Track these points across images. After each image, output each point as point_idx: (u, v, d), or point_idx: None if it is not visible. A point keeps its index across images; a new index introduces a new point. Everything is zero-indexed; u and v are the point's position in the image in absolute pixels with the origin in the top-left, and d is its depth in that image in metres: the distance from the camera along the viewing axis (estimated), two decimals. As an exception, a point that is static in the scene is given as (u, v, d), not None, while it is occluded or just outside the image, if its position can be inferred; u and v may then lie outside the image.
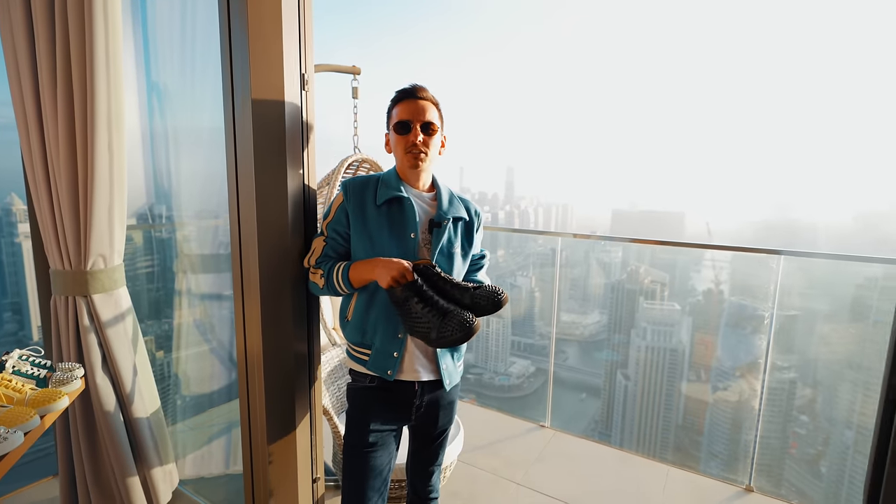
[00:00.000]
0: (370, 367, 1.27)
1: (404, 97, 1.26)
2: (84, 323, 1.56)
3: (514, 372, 22.70)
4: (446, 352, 1.32)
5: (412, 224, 1.26)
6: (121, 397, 1.65)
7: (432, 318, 1.09)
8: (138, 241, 2.09)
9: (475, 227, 1.40)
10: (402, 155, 1.27)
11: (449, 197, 1.36)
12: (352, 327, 1.30)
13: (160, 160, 2.05)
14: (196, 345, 2.14)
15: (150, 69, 1.94)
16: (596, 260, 26.58)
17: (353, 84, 2.22)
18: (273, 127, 1.20)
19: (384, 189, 1.27)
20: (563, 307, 25.64)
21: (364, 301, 1.27)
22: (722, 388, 19.42)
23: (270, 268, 1.26)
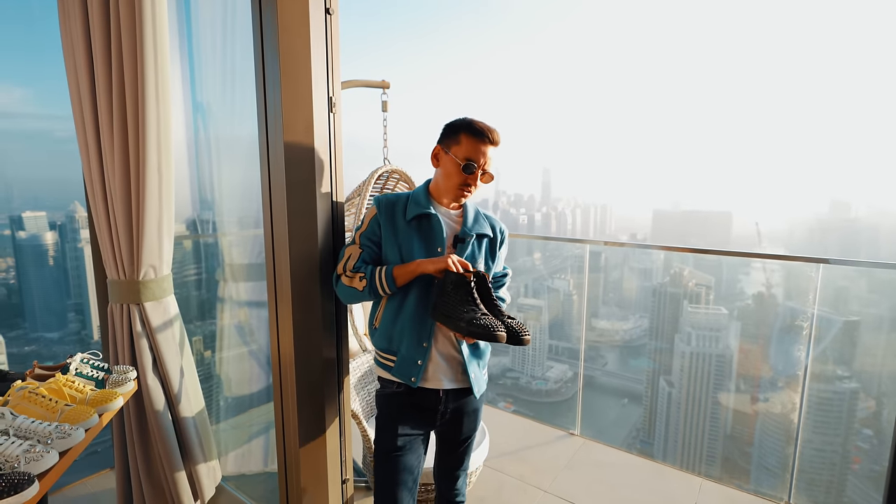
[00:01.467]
0: (395, 374, 1.32)
1: (479, 136, 1.28)
2: (137, 329, 1.70)
3: (551, 377, 22.39)
4: (472, 359, 1.36)
5: (439, 239, 1.31)
6: (169, 397, 1.78)
7: (471, 309, 1.15)
8: (185, 249, 2.24)
9: (499, 244, 1.44)
10: (453, 186, 1.31)
11: (475, 215, 1.41)
12: (379, 334, 1.36)
13: (204, 174, 2.20)
14: (237, 348, 2.28)
15: (196, 89, 2.09)
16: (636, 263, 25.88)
17: (383, 98, 2.30)
18: (303, 148, 1.29)
19: (414, 206, 1.33)
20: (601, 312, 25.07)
21: (393, 309, 1.32)
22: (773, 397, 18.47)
23: (301, 278, 1.34)
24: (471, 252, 1.35)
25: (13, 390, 1.21)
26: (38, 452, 1.03)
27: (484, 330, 1.12)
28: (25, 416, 1.15)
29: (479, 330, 1.12)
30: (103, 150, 1.62)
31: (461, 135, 1.29)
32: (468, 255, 1.34)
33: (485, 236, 1.39)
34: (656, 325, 22.62)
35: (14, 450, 1.02)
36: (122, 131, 1.60)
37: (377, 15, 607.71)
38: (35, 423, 1.11)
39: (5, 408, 1.14)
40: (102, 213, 1.67)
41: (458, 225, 1.38)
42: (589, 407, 5.93)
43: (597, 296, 24.68)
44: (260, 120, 1.30)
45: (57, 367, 1.39)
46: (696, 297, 22.15)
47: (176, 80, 1.95)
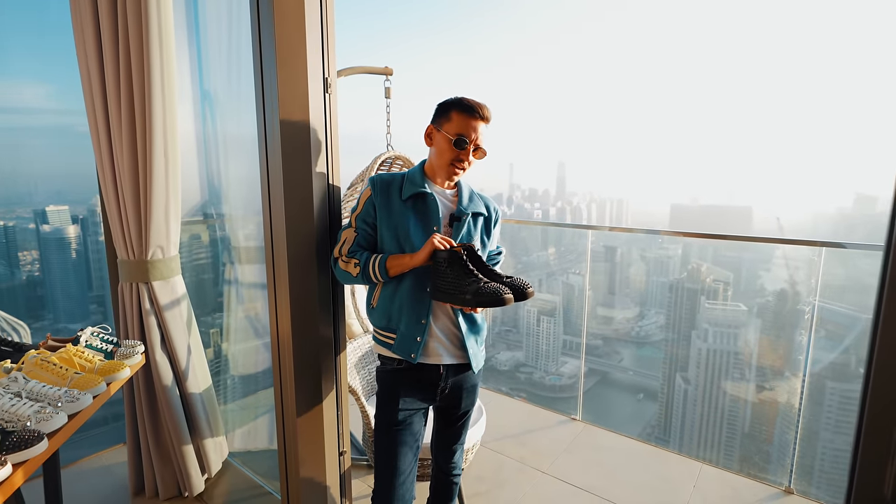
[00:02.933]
0: (396, 351, 1.35)
1: (469, 112, 1.31)
2: (146, 306, 1.78)
3: (565, 372, 22.29)
4: (471, 335, 1.39)
5: (435, 217, 1.34)
6: (177, 373, 1.86)
7: (472, 281, 1.18)
8: (193, 236, 2.32)
9: (493, 222, 1.46)
10: (445, 163, 1.34)
11: (469, 194, 1.43)
12: (378, 313, 1.39)
13: (212, 161, 2.27)
14: (244, 331, 2.35)
15: (203, 79, 2.15)
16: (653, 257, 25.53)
17: (386, 84, 2.33)
18: (298, 127, 1.33)
19: (409, 185, 1.36)
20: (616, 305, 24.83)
21: (390, 288, 1.35)
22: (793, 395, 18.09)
23: (298, 259, 1.39)
24: (467, 230, 1.38)
25: (27, 358, 1.29)
26: (49, 413, 1.10)
27: (490, 296, 1.14)
28: (37, 380, 1.22)
29: (487, 298, 1.14)
30: (112, 134, 1.70)
31: (452, 112, 1.32)
32: (464, 233, 1.37)
33: (480, 215, 1.42)
34: (673, 320, 22.33)
35: (26, 410, 1.09)
36: (129, 117, 1.67)
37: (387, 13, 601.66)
38: (46, 387, 1.19)
39: (19, 373, 1.21)
40: (112, 196, 1.74)
41: (453, 204, 1.40)
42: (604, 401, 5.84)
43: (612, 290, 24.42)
44: (258, 100, 1.35)
45: (68, 340, 1.47)
46: (714, 293, 21.78)
47: (184, 69, 2.02)
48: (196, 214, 2.29)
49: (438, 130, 1.34)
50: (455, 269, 1.20)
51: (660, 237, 5.59)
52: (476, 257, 1.26)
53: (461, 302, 1.19)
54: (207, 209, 2.32)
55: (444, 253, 1.22)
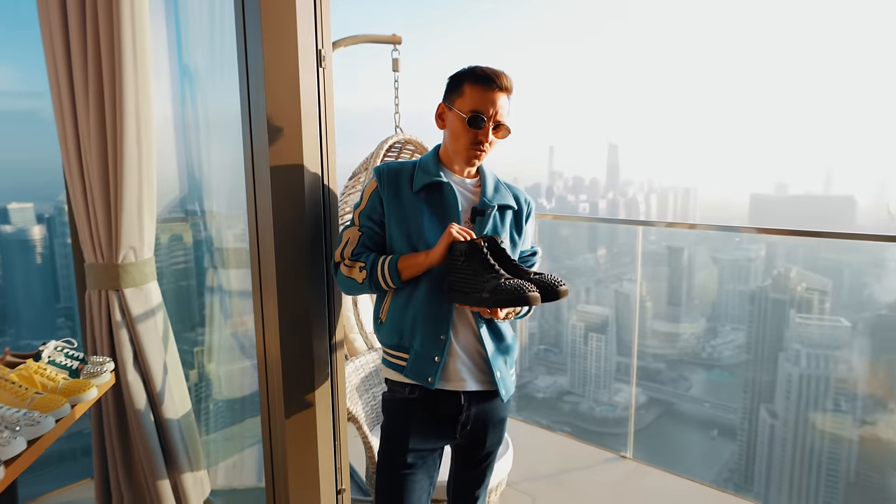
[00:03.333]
0: (408, 374, 1.35)
1: (485, 82, 1.31)
2: (116, 318, 1.85)
3: (619, 402, 22.00)
4: (498, 354, 1.39)
5: (454, 212, 1.35)
6: (151, 396, 1.93)
7: (491, 277, 1.18)
8: (172, 236, 2.40)
9: (525, 217, 1.47)
10: (462, 147, 1.35)
11: (495, 183, 1.44)
12: (387, 329, 1.39)
13: (192, 149, 2.34)
14: (229, 349, 2.42)
15: (182, 52, 2.23)
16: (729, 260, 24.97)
17: (394, 55, 2.38)
18: (287, 107, 1.38)
19: (422, 175, 1.37)
20: (683, 319, 24.41)
21: (403, 298, 1.36)
22: (911, 434, 17.43)
23: (287, 263, 1.43)
24: (492, 226, 1.39)
25: (-18, 375, 1.37)
26: (5, 438, 1.16)
27: (512, 294, 1.13)
28: (-6, 401, 1.29)
29: (507, 296, 1.14)
30: (78, 117, 1.78)
31: (464, 85, 1.33)
32: (489, 230, 1.38)
33: (508, 208, 1.42)
34: (754, 339, 21.77)
35: (-20, 434, 1.16)
36: (97, 96, 1.74)
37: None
38: (3, 408, 1.26)
39: (-26, 392, 1.29)
40: (79, 188, 1.83)
41: (475, 195, 1.41)
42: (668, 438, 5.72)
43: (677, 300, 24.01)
44: (241, 78, 1.40)
45: (29, 355, 1.55)
46: (807, 304, 21.13)
47: (160, 41, 2.10)
48: (175, 211, 2.37)
49: (450, 109, 1.35)
50: (473, 263, 1.21)
51: (737, 235, 5.41)
52: (499, 250, 1.27)
53: (477, 301, 1.19)
54: (188, 205, 2.40)
55: (463, 245, 1.23)
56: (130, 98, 1.74)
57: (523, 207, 1.47)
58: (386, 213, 1.37)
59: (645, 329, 22.14)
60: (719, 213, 64.45)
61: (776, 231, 2.75)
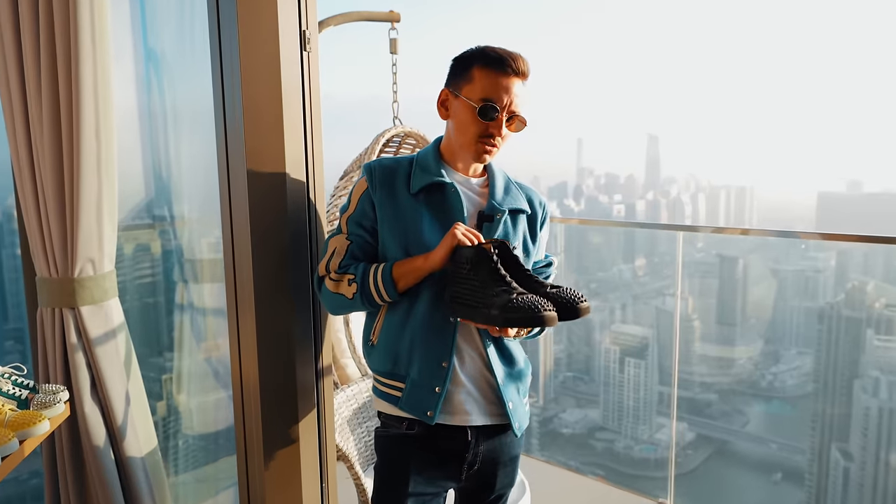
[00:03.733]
0: (404, 407, 1.36)
1: (498, 66, 1.32)
2: (71, 340, 1.88)
3: (662, 439, 21.80)
4: (509, 382, 1.40)
5: (458, 216, 1.36)
6: (111, 430, 1.95)
7: (501, 290, 1.19)
8: (136, 246, 2.43)
9: (539, 221, 1.48)
10: (469, 140, 1.36)
11: (504, 183, 1.46)
12: (379, 353, 1.41)
13: (160, 144, 2.38)
14: (202, 376, 2.44)
15: (147, 33, 2.28)
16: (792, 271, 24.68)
17: (392, 35, 2.41)
18: (266, 98, 1.41)
19: (420, 173, 1.38)
20: (738, 341, 24.14)
21: (398, 316, 1.37)
22: None
23: (266, 276, 1.46)
24: (503, 233, 1.40)
25: (-81, 406, 1.40)
26: (-55, 478, 1.19)
27: (525, 312, 1.14)
28: (-68, 435, 1.32)
29: (520, 314, 1.14)
30: (30, 107, 1.82)
31: (474, 69, 1.34)
32: (499, 237, 1.38)
33: (520, 212, 1.44)
34: (824, 365, 21.49)
35: (-84, 473, 1.19)
36: (51, 83, 1.77)
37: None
38: (-59, 444, 1.28)
39: None
40: (30, 191, 1.87)
41: (482, 198, 1.43)
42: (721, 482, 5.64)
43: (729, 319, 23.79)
44: (214, 63, 1.44)
45: (-28, 383, 1.58)
46: (888, 323, 20.85)
47: (122, 19, 2.14)
48: (139, 216, 2.40)
49: (457, 96, 1.36)
50: (481, 272, 1.22)
51: (802, 242, 5.29)
52: (511, 258, 1.28)
53: (484, 318, 1.20)
54: (155, 209, 2.43)
55: (469, 251, 1.24)
56: (88, 83, 1.76)
57: (537, 211, 1.48)
58: (378, 218, 1.38)
59: (691, 353, 21.94)
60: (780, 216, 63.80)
61: (848, 237, 2.73)
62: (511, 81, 1.32)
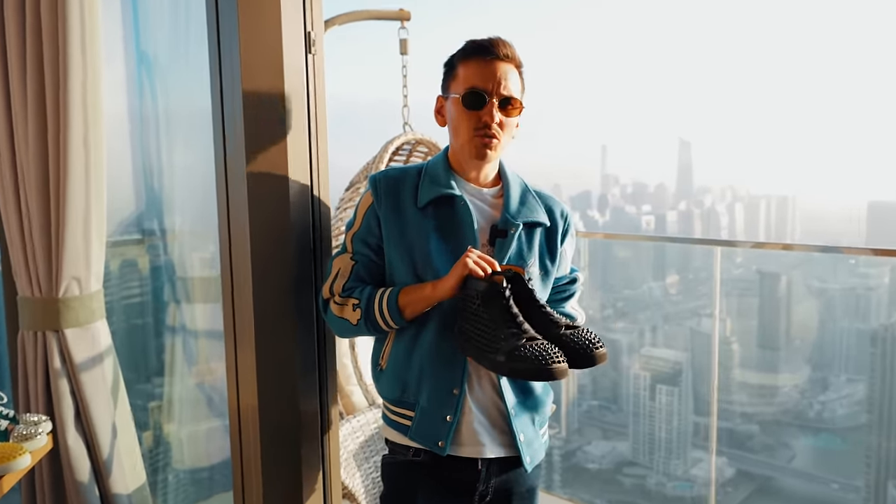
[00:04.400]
0: (414, 437, 1.38)
1: (478, 54, 1.37)
2: (55, 365, 1.89)
3: (699, 475, 21.49)
4: (523, 412, 1.41)
5: (468, 232, 1.37)
6: (96, 464, 1.96)
7: (510, 333, 1.19)
8: (124, 262, 2.44)
9: (560, 235, 1.48)
10: (466, 137, 1.38)
11: (521, 193, 1.45)
12: (387, 379, 1.43)
13: (152, 154, 2.40)
14: (194, 404, 2.44)
15: (140, 35, 2.31)
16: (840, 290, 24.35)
17: (402, 35, 2.43)
18: (269, 103, 1.42)
19: (428, 185, 1.40)
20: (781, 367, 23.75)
21: (406, 340, 1.39)
22: None
23: (268, 297, 1.46)
24: (517, 250, 1.40)
25: None
26: (-82, 516, 1.20)
27: (532, 364, 1.15)
28: None
29: (526, 365, 1.16)
30: (14, 113, 1.84)
31: (458, 65, 1.39)
32: (513, 254, 1.39)
33: (537, 225, 1.44)
34: (879, 393, 21.15)
35: None
36: (37, 88, 1.80)
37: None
38: (-84, 479, 1.29)
39: None
40: (12, 204, 1.88)
41: (495, 209, 1.43)
42: (763, 525, 5.51)
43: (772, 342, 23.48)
44: (212, 65, 1.46)
45: (-52, 412, 1.59)
46: (949, 347, 20.57)
47: (113, 21, 2.17)
48: (128, 231, 2.42)
49: (447, 98, 1.41)
50: (492, 310, 1.22)
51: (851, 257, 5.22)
52: (525, 291, 1.28)
53: (491, 364, 1.22)
54: (145, 223, 2.45)
55: (480, 285, 1.24)
56: (77, 89, 1.79)
57: (558, 223, 1.48)
58: (384, 235, 1.39)
59: (730, 380, 21.69)
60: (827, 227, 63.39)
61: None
62: (496, 65, 1.36)
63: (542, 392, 1.47)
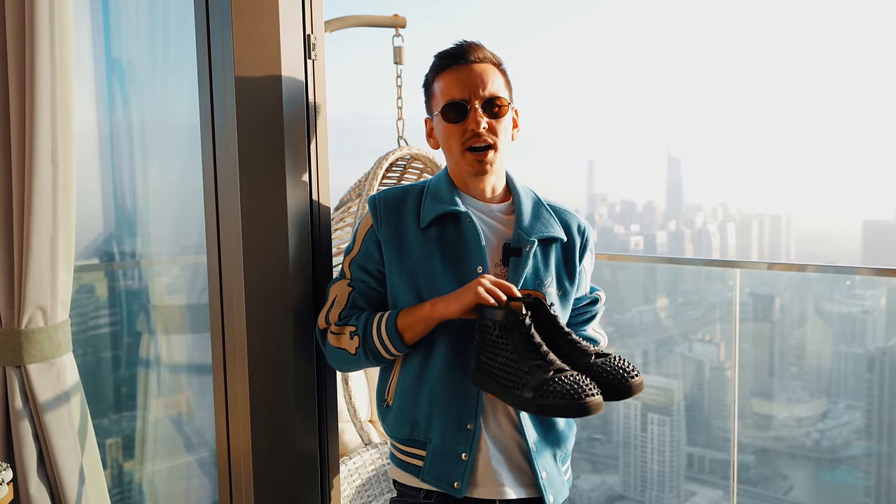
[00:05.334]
0: (427, 479, 1.35)
1: (452, 62, 1.38)
2: (16, 405, 1.81)
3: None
4: (545, 448, 1.39)
5: (476, 253, 1.35)
6: (62, 516, 1.86)
7: (536, 365, 1.16)
8: (91, 289, 2.37)
9: (578, 251, 1.47)
10: (458, 153, 1.38)
11: (533, 207, 1.44)
12: (395, 416, 1.39)
13: (124, 171, 2.34)
14: (172, 446, 2.35)
15: (111, 42, 2.26)
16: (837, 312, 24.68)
17: (396, 42, 2.41)
18: (265, 113, 1.38)
19: (431, 203, 1.38)
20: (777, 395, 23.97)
21: (413, 372, 1.37)
22: None
23: (263, 325, 1.41)
24: (533, 270, 1.38)
25: None
26: None
27: (563, 399, 1.12)
28: None
29: (556, 401, 1.12)
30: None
31: (433, 83, 1.41)
32: (528, 275, 1.37)
33: (553, 240, 1.42)
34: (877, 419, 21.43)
35: None
36: (1, 99, 1.74)
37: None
38: None
39: None
40: (-29, 227, 1.81)
41: (506, 226, 1.42)
42: (762, 564, 5.47)
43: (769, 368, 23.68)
44: (201, 71, 1.42)
45: None
46: (949, 371, 20.95)
47: (82, 27, 2.12)
48: (95, 255, 2.36)
49: (433, 118, 1.44)
50: (511, 340, 1.19)
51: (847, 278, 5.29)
52: (547, 317, 1.26)
53: (516, 402, 1.19)
54: (116, 245, 2.39)
55: (498, 313, 1.21)
56: (45, 101, 1.72)
57: (575, 239, 1.46)
58: (386, 259, 1.38)
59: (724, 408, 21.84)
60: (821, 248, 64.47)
61: None
62: (470, 70, 1.36)
63: (566, 426, 1.45)
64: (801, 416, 24.06)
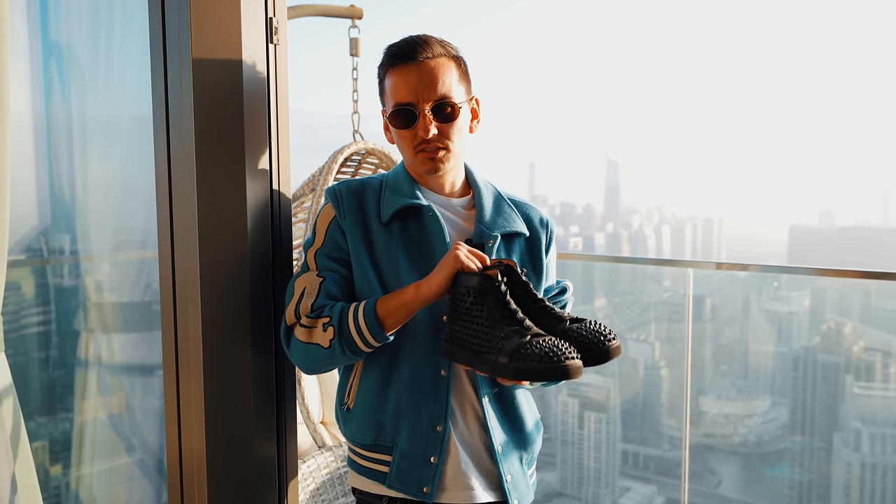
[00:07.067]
0: (393, 485, 1.32)
1: (400, 60, 1.33)
2: (-58, 410, 1.70)
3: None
4: (512, 450, 1.38)
5: (441, 248, 1.34)
6: (-7, 527, 1.76)
7: (512, 330, 1.14)
8: (24, 286, 2.26)
9: (543, 244, 1.47)
10: (410, 155, 1.37)
11: (494, 201, 1.44)
12: (357, 420, 1.36)
13: (62, 161, 2.24)
14: (112, 451, 2.26)
15: (48, 23, 2.16)
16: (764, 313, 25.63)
17: (353, 34, 2.38)
18: (224, 100, 1.34)
19: (392, 196, 1.37)
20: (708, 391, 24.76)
21: (379, 373, 1.34)
22: None
23: (219, 323, 1.37)
24: None
25: None
26: None
27: (542, 362, 1.10)
28: None
29: (534, 363, 1.10)
30: None
31: (385, 77, 1.37)
32: None
33: (517, 235, 1.42)
34: (801, 415, 22.36)
35: None
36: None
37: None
38: None
39: None
40: None
41: (468, 221, 1.41)
42: (704, 559, 5.62)
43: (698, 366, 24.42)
44: (154, 53, 1.36)
45: None
46: (868, 369, 21.92)
47: (15, 9, 2.01)
48: (28, 249, 2.25)
49: (386, 115, 1.39)
50: (486, 306, 1.17)
51: (774, 279, 5.46)
52: (520, 284, 1.24)
53: (492, 367, 1.16)
54: (51, 240, 2.30)
55: (472, 279, 1.19)
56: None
57: (539, 233, 1.47)
58: (352, 253, 1.35)
59: (659, 405, 22.43)
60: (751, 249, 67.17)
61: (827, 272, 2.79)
62: (420, 70, 1.31)
63: (534, 428, 1.45)
64: (729, 412, 24.91)
